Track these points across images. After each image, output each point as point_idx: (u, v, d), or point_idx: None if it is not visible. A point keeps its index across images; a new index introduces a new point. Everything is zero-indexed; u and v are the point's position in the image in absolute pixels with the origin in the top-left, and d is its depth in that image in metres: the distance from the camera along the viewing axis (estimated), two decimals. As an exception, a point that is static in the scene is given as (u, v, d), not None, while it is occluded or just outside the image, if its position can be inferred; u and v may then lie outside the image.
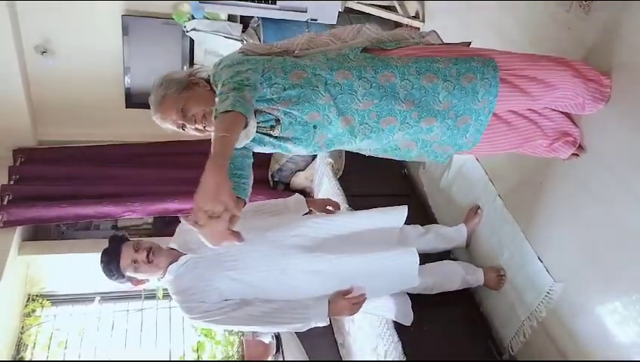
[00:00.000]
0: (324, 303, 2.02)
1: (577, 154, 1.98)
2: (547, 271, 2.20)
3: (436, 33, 1.83)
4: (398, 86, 1.60)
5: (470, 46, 1.81)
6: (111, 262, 1.93)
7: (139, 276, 1.97)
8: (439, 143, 1.74)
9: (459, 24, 2.85)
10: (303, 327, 2.03)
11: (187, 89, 1.62)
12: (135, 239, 2.02)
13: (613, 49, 1.82)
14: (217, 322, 1.97)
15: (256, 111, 1.57)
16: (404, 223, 2.28)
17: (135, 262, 1.93)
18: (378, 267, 2.10)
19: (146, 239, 2.06)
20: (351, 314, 2.09)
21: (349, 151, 1.82)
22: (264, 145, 1.68)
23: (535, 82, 1.71)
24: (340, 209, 2.23)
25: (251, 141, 1.60)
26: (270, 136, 1.63)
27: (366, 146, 1.73)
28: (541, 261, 2.23)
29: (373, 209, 2.25)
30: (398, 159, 1.84)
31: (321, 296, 2.05)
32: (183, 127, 1.63)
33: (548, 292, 2.18)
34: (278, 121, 1.59)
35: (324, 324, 2.03)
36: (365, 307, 2.11)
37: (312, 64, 1.60)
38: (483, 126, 1.72)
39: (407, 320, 2.31)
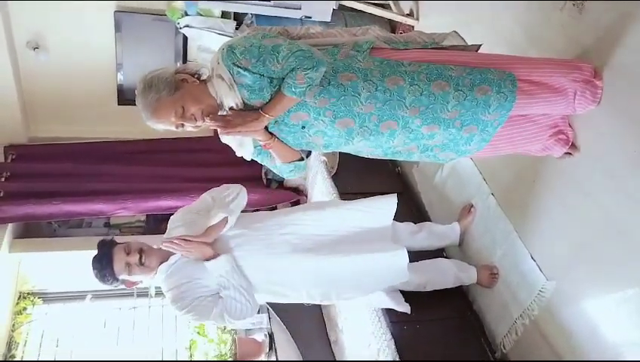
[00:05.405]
0: None
1: (570, 153, 1.98)
2: (540, 269, 2.20)
3: (457, 33, 1.78)
4: (406, 91, 1.57)
5: (479, 50, 1.78)
6: (104, 268, 1.93)
7: (132, 278, 1.98)
8: (441, 148, 1.73)
9: (453, 22, 2.84)
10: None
11: (178, 88, 1.58)
12: (124, 241, 2.01)
13: (606, 48, 1.82)
14: (209, 318, 1.96)
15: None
16: (398, 221, 2.28)
17: (128, 265, 1.94)
18: (367, 266, 2.09)
19: (135, 240, 2.05)
20: None
21: (343, 150, 1.81)
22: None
23: (543, 88, 1.70)
24: None
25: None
26: None
27: (364, 148, 1.72)
28: (534, 259, 2.24)
29: (364, 199, 2.23)
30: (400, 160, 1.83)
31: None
32: (181, 125, 1.59)
33: (540, 291, 2.19)
34: None
35: None
36: (358, 301, 2.11)
37: None
38: (490, 136, 1.70)
39: (406, 308, 2.31)
